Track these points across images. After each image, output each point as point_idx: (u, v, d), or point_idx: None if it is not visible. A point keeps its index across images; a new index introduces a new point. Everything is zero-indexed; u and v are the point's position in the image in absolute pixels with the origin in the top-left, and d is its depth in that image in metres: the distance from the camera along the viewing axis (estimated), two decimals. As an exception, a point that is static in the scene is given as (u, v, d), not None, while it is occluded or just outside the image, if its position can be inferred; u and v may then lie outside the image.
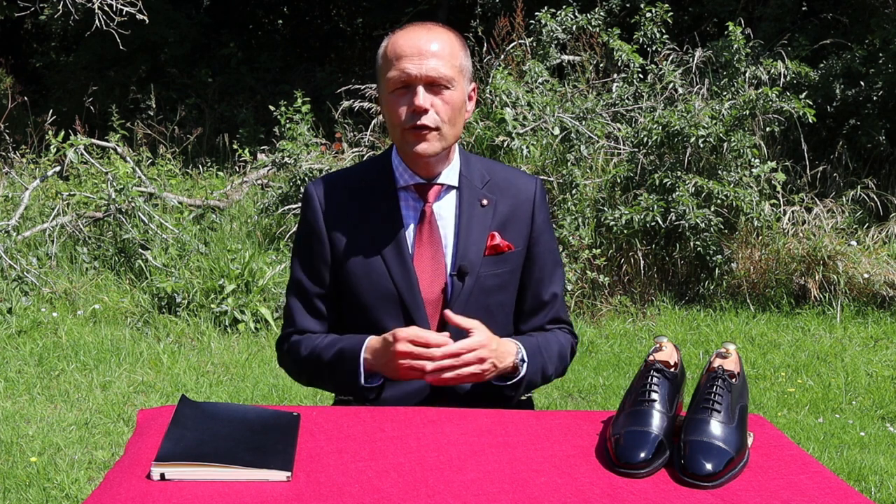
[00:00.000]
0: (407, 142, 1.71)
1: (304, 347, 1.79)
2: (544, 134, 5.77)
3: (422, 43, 1.68)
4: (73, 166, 6.36)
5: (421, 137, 1.69)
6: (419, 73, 1.66)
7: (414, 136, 1.69)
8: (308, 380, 1.85)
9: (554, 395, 4.23)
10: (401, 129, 1.70)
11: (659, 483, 1.34)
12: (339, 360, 1.73)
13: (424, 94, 1.67)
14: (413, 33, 1.70)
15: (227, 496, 1.26)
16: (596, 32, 6.70)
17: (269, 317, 5.01)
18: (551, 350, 1.83)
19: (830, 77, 7.22)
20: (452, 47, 1.71)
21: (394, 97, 1.70)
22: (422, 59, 1.66)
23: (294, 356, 1.82)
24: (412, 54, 1.67)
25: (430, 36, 1.69)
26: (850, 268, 5.54)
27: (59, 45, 12.31)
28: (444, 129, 1.71)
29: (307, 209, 1.81)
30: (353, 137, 6.79)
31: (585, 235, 5.39)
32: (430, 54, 1.67)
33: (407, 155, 1.75)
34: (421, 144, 1.70)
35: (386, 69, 1.70)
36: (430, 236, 1.77)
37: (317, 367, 1.77)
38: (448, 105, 1.69)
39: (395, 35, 1.72)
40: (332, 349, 1.74)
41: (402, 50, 1.68)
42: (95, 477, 3.30)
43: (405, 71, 1.66)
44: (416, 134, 1.69)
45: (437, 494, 1.28)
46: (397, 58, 1.68)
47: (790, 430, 3.86)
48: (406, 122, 1.69)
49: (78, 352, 4.58)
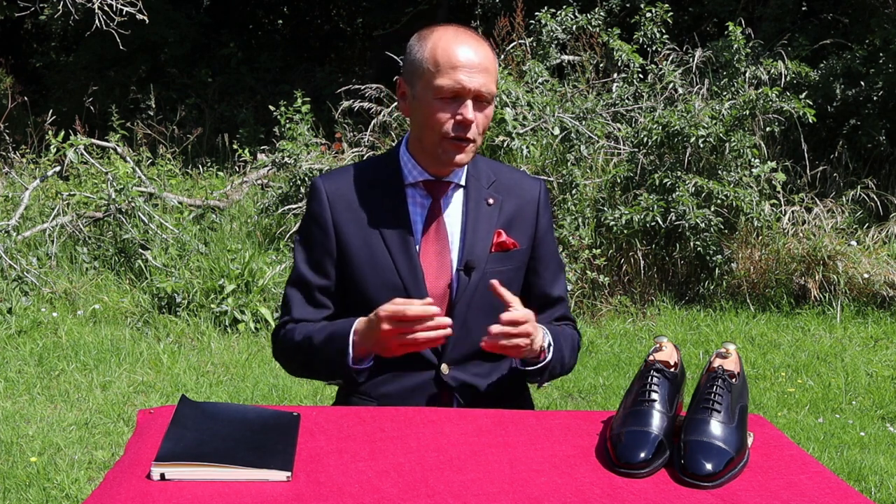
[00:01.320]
0: (445, 150, 1.73)
1: (298, 334, 1.80)
2: (544, 134, 5.77)
3: (477, 57, 1.70)
4: (73, 166, 6.36)
5: (461, 149, 1.73)
6: (472, 86, 1.68)
7: (454, 147, 1.72)
8: (300, 366, 1.85)
9: (554, 395, 4.23)
10: (440, 137, 1.72)
11: (659, 483, 1.34)
12: (328, 341, 1.73)
13: (472, 108, 1.70)
14: (465, 43, 1.71)
15: (227, 496, 1.26)
16: (596, 32, 6.70)
17: (269, 317, 5.01)
18: (567, 341, 1.87)
19: (830, 77, 7.22)
20: (495, 64, 1.75)
21: (439, 104, 1.71)
22: (475, 73, 1.69)
23: (288, 342, 1.82)
24: (467, 66, 1.68)
25: (481, 49, 1.72)
26: (850, 268, 5.54)
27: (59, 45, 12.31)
28: (479, 140, 1.76)
29: (314, 202, 1.82)
30: (353, 137, 6.79)
31: (585, 235, 5.39)
32: (482, 69, 1.70)
33: (438, 160, 1.76)
34: (460, 155, 1.73)
35: (435, 74, 1.69)
36: (437, 232, 1.79)
37: (308, 351, 1.77)
38: (486, 119, 1.75)
39: (443, 39, 1.71)
40: (324, 332, 1.75)
41: (458, 60, 1.68)
42: (95, 477, 3.30)
43: (460, 83, 1.68)
44: (456, 145, 1.72)
45: (437, 494, 1.28)
46: (452, 67, 1.68)
47: (790, 430, 3.86)
48: (449, 132, 1.71)
49: (78, 352, 4.58)
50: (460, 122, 1.70)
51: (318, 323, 1.80)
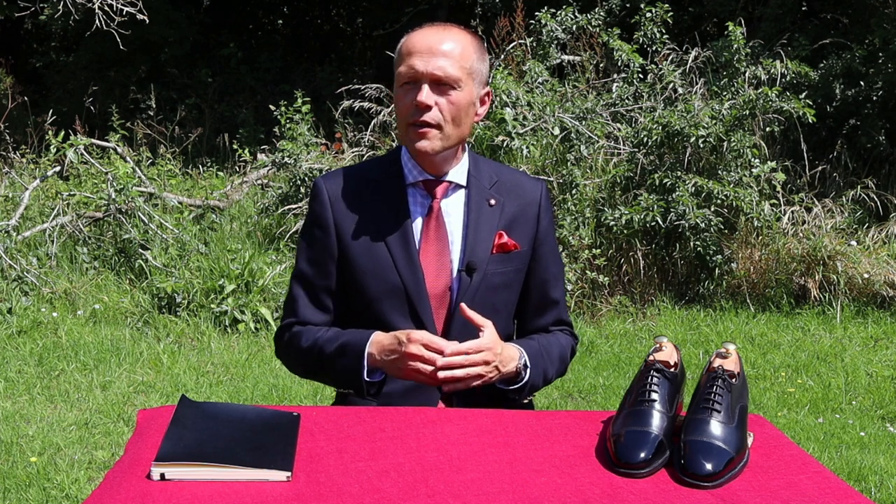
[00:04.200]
0: (409, 137, 1.74)
1: (305, 339, 1.80)
2: (544, 134, 5.77)
3: (433, 41, 1.71)
4: (73, 166, 6.36)
5: (422, 134, 1.72)
6: (426, 70, 1.69)
7: (415, 133, 1.73)
8: (306, 371, 1.86)
9: (554, 395, 4.23)
10: (405, 124, 1.74)
11: (659, 483, 1.34)
12: (341, 353, 1.73)
13: (429, 92, 1.70)
14: (427, 31, 1.74)
15: (227, 496, 1.26)
16: (596, 32, 6.70)
17: (269, 317, 5.01)
18: (552, 353, 1.86)
19: (830, 77, 7.22)
20: (465, 49, 1.73)
21: (401, 91, 1.74)
22: (431, 57, 1.70)
23: (294, 347, 1.82)
24: (422, 51, 1.70)
25: (443, 35, 1.73)
26: (849, 268, 5.54)
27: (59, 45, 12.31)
28: (447, 128, 1.73)
29: (315, 202, 1.83)
30: (353, 137, 6.80)
31: (585, 235, 5.39)
32: (439, 53, 1.70)
33: (410, 149, 1.78)
34: (422, 141, 1.73)
35: (398, 64, 1.74)
36: (437, 232, 1.79)
37: (318, 359, 1.77)
38: (453, 105, 1.72)
39: (412, 32, 1.77)
40: (335, 342, 1.75)
41: (414, 46, 1.72)
42: (95, 477, 3.30)
43: (413, 67, 1.70)
44: (416, 130, 1.72)
45: (437, 494, 1.28)
46: (408, 53, 1.72)
47: (790, 430, 3.86)
48: (409, 117, 1.73)
49: (78, 352, 4.58)
50: (416, 105, 1.70)
51: (325, 330, 1.80)
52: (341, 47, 12.64)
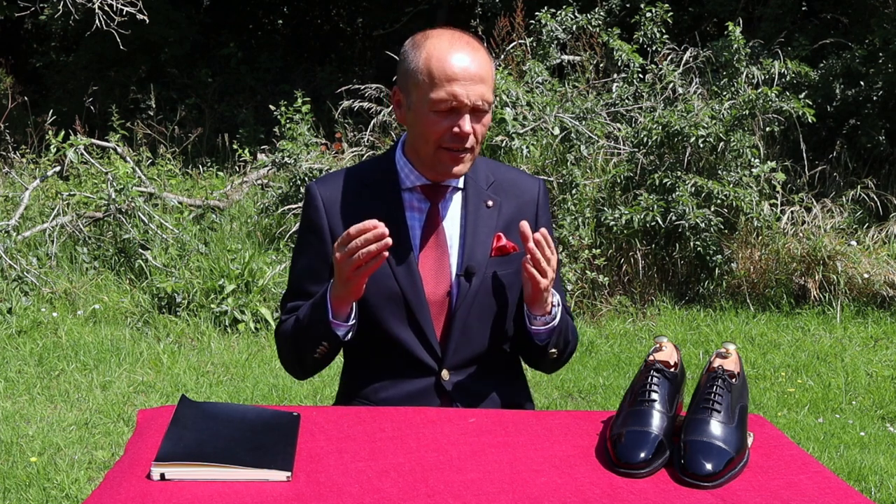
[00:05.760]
0: (441, 161, 1.71)
1: (289, 324, 1.79)
2: (544, 134, 5.77)
3: (472, 67, 1.65)
4: (73, 166, 6.36)
5: (458, 160, 1.70)
6: (469, 101, 1.65)
7: (451, 158, 1.70)
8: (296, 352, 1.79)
9: (554, 395, 4.23)
10: (435, 147, 1.69)
11: (659, 483, 1.34)
12: (311, 308, 1.71)
13: (469, 120, 1.67)
14: (460, 52, 1.66)
15: (227, 496, 1.26)
16: (596, 32, 6.70)
17: (269, 317, 5.01)
18: (570, 324, 1.86)
19: (830, 77, 7.22)
20: (491, 70, 1.71)
21: (435, 116, 1.67)
22: (472, 85, 1.64)
23: (284, 335, 1.80)
24: (463, 78, 1.64)
25: (477, 57, 1.67)
26: (849, 268, 5.54)
27: (59, 45, 12.30)
28: (477, 149, 1.73)
29: (309, 208, 1.81)
30: (353, 137, 6.80)
31: (585, 235, 5.39)
32: (478, 79, 1.65)
33: (434, 170, 1.74)
34: (458, 166, 1.71)
35: (429, 86, 1.65)
36: (436, 238, 1.77)
37: (297, 330, 1.75)
38: (484, 127, 1.71)
39: (437, 49, 1.66)
40: (307, 306, 1.74)
41: (454, 72, 1.64)
42: (95, 477, 3.30)
43: (457, 97, 1.64)
44: (453, 156, 1.70)
45: (437, 494, 1.28)
46: (448, 80, 1.64)
47: (790, 430, 3.86)
48: (445, 143, 1.68)
49: (78, 352, 4.58)
50: (457, 134, 1.66)
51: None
52: (341, 47, 12.64)
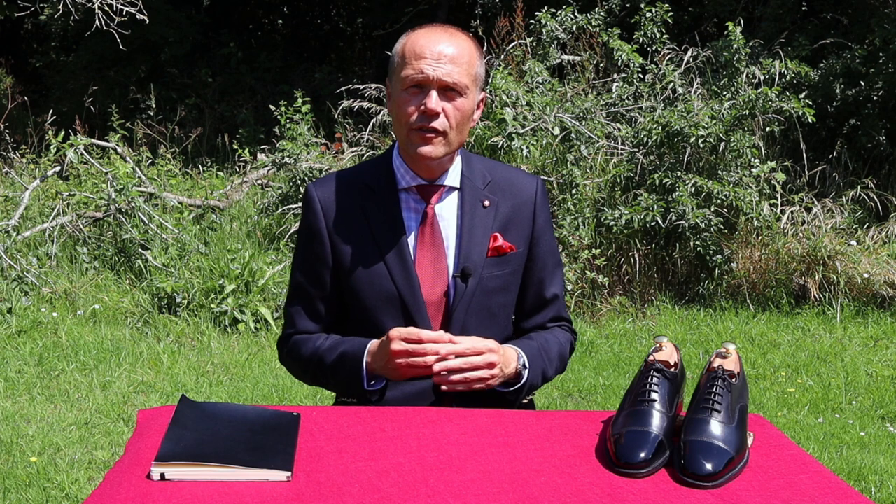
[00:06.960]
0: (412, 142, 1.70)
1: (306, 349, 1.80)
2: (544, 134, 5.77)
3: (442, 46, 1.66)
4: (73, 166, 6.36)
5: (427, 140, 1.69)
6: (435, 75, 1.65)
7: (420, 138, 1.69)
8: (311, 380, 1.86)
9: (554, 395, 4.23)
10: (407, 128, 1.70)
11: (659, 483, 1.34)
12: (341, 363, 1.73)
13: (437, 98, 1.66)
14: (434, 35, 1.69)
15: (227, 496, 1.26)
16: (596, 32, 6.70)
17: (269, 317, 5.01)
18: (551, 352, 1.84)
19: (830, 77, 7.22)
20: (471, 55, 1.70)
21: (405, 95, 1.69)
22: (439, 63, 1.65)
23: (296, 358, 1.83)
24: (430, 56, 1.65)
25: (450, 40, 1.68)
26: (849, 268, 5.54)
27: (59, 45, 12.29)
28: (451, 134, 1.71)
29: (307, 210, 1.81)
30: (353, 137, 6.79)
31: (585, 235, 5.39)
32: (448, 59, 1.66)
33: (409, 155, 1.75)
34: (426, 146, 1.69)
35: (401, 66, 1.69)
36: (432, 238, 1.77)
37: (319, 369, 1.78)
38: (459, 112, 1.69)
39: (414, 33, 1.71)
40: (334, 352, 1.75)
41: (421, 50, 1.66)
42: (95, 477, 3.30)
43: (422, 71, 1.65)
44: (422, 136, 1.69)
45: (437, 494, 1.28)
46: (416, 57, 1.66)
47: (790, 430, 3.86)
48: (414, 123, 1.68)
49: (78, 352, 4.58)
50: (423, 111, 1.66)
51: (325, 339, 1.80)
52: (341, 47, 12.64)
